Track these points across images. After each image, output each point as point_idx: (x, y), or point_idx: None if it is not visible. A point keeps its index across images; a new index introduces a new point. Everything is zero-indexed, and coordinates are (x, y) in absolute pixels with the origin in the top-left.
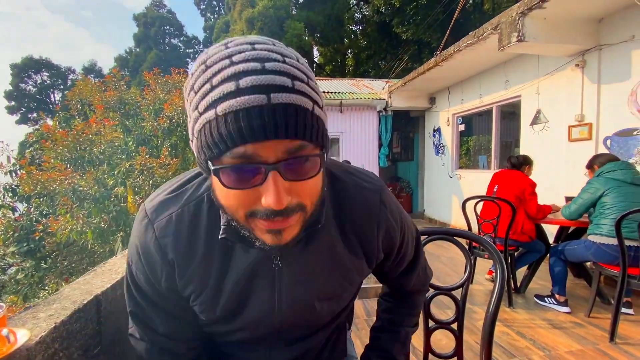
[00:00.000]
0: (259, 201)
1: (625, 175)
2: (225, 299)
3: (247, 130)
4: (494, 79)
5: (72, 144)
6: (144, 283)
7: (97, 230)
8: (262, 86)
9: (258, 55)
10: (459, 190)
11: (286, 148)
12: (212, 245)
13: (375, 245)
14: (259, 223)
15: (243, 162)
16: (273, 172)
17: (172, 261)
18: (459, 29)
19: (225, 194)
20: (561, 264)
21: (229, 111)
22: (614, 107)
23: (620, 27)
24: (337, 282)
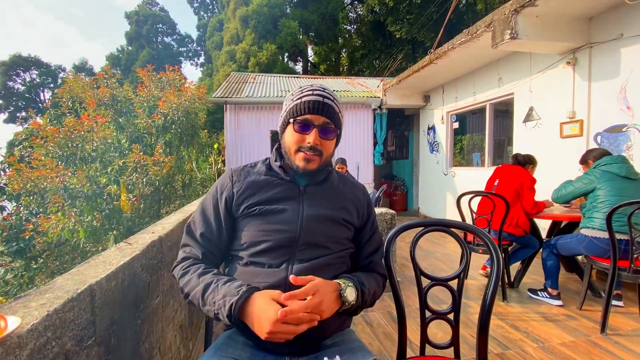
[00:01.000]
0: (304, 141)
1: (620, 169)
2: (267, 204)
3: (311, 108)
4: (488, 77)
5: (63, 140)
6: (210, 202)
7: (89, 228)
8: (321, 94)
9: (321, 88)
10: (454, 188)
11: (323, 121)
12: (259, 176)
13: (363, 204)
14: (300, 154)
15: (305, 121)
16: (315, 129)
17: (234, 179)
18: (452, 28)
19: (291, 136)
20: (554, 257)
21: (307, 100)
22: (604, 104)
23: (610, 25)
24: (337, 211)
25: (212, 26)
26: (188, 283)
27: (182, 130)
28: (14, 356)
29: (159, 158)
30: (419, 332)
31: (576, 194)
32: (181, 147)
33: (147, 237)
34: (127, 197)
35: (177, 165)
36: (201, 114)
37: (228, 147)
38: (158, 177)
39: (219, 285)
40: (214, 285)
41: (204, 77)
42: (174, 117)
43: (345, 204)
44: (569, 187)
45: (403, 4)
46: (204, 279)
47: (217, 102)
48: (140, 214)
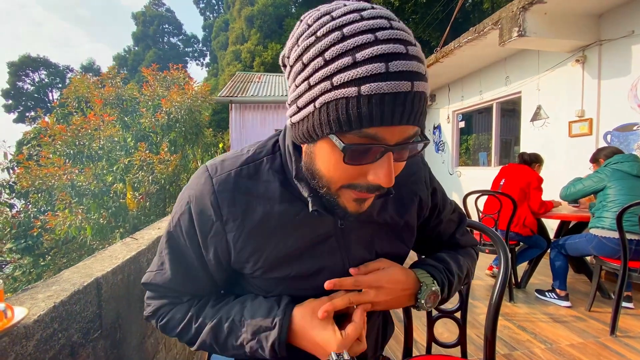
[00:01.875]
0: (362, 176)
1: (632, 167)
2: (290, 261)
3: (388, 115)
4: (494, 76)
5: (70, 139)
6: (184, 235)
7: (96, 226)
8: (408, 72)
9: (400, 35)
10: (459, 188)
11: (408, 133)
12: (272, 207)
13: (427, 204)
14: (351, 193)
15: (370, 142)
16: (389, 154)
17: (225, 218)
18: (458, 28)
19: (334, 167)
20: (562, 258)
21: (375, 93)
22: (614, 102)
23: (620, 22)
24: (391, 240)
25: (217, 26)
26: (183, 329)
27: (186, 129)
28: (21, 346)
29: (165, 156)
30: (424, 331)
31: (586, 192)
32: (186, 145)
33: (152, 232)
34: (133, 195)
35: (182, 164)
36: (205, 112)
37: (233, 145)
38: (164, 176)
39: (237, 318)
40: (230, 321)
41: (209, 77)
42: (177, 115)
43: (407, 215)
44: (579, 185)
45: (408, 4)
46: (206, 316)
47: (222, 101)
48: (146, 212)
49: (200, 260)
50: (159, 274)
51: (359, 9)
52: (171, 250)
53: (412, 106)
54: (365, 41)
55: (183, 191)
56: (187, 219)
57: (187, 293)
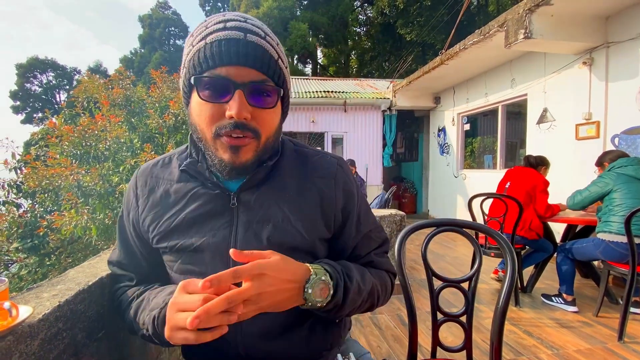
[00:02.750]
0: (224, 117)
1: (636, 171)
2: (182, 231)
3: (226, 54)
4: (500, 78)
5: (77, 139)
6: (123, 216)
7: (101, 226)
8: (241, 28)
9: (242, 16)
10: (464, 190)
11: (253, 77)
12: (170, 185)
13: (334, 202)
14: (222, 140)
15: (218, 79)
16: (239, 91)
17: (137, 194)
18: (463, 30)
19: (199, 110)
20: (569, 262)
21: (215, 40)
22: (622, 105)
23: (628, 24)
24: (286, 228)
25: None
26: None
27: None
28: (26, 345)
29: None
30: (429, 335)
31: (593, 198)
32: None
33: None
34: None
35: None
36: None
37: None
38: None
39: (150, 298)
40: (145, 301)
41: None
42: (184, 116)
43: (308, 208)
44: (585, 192)
45: (413, 6)
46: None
47: None
48: None
49: (132, 235)
50: (114, 252)
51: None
52: (118, 231)
53: (246, 49)
54: (216, 20)
55: None
56: (124, 202)
57: (131, 272)
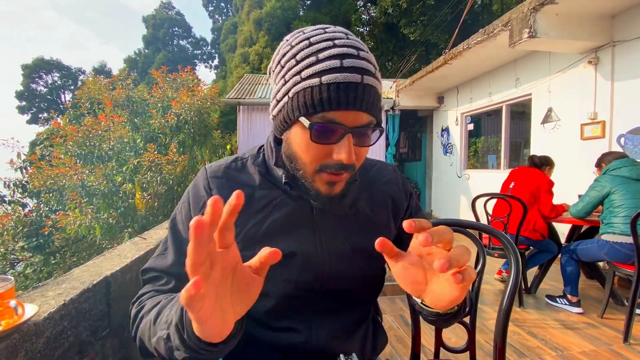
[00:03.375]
0: (329, 156)
1: (631, 172)
2: (268, 241)
3: (344, 100)
4: (504, 78)
5: (81, 139)
6: (183, 220)
7: (105, 225)
8: (358, 68)
9: (353, 44)
10: (468, 190)
11: (363, 120)
12: (253, 192)
13: (401, 202)
14: (322, 176)
15: (331, 123)
16: (349, 135)
17: (213, 194)
18: (467, 29)
19: (306, 147)
20: (573, 263)
21: (332, 82)
22: (628, 104)
23: (634, 23)
24: (365, 235)
25: (226, 29)
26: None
27: (195, 130)
28: (31, 343)
29: (173, 157)
30: (432, 336)
31: (594, 203)
32: (194, 147)
33: (160, 232)
34: (141, 196)
35: (190, 165)
36: (214, 114)
37: (240, 148)
38: (172, 176)
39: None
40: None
41: (217, 79)
42: (186, 117)
43: (381, 213)
44: (585, 198)
45: (416, 6)
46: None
47: (230, 103)
48: (154, 213)
49: None
50: (160, 257)
51: (324, 27)
52: (173, 235)
53: (362, 94)
54: (326, 46)
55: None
56: (187, 206)
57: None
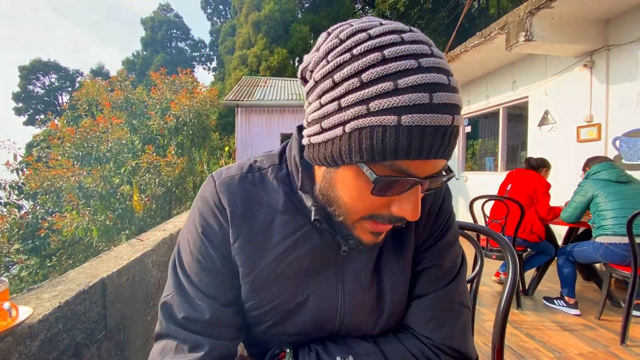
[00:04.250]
0: (386, 207)
1: (610, 174)
2: (282, 284)
3: (427, 148)
4: (501, 80)
5: (79, 141)
6: (197, 249)
7: (102, 227)
8: (450, 105)
9: (442, 65)
10: (466, 193)
11: (438, 167)
12: (273, 217)
13: (425, 227)
14: (367, 224)
15: (400, 175)
16: (418, 187)
17: (227, 213)
18: (464, 33)
19: (357, 197)
20: (570, 265)
21: (417, 124)
22: (623, 107)
23: (629, 27)
24: (391, 280)
25: (224, 31)
26: None
27: (193, 132)
28: (24, 346)
29: (171, 159)
30: None
31: (581, 208)
32: (193, 148)
33: (158, 234)
34: (139, 197)
35: (188, 167)
36: (212, 116)
37: (239, 149)
38: (170, 178)
39: None
40: None
41: (216, 81)
42: (185, 118)
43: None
44: (572, 204)
45: (414, 9)
46: None
47: (229, 104)
48: (152, 214)
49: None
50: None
51: (399, 30)
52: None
53: (449, 140)
54: (409, 67)
55: (190, 210)
56: (194, 232)
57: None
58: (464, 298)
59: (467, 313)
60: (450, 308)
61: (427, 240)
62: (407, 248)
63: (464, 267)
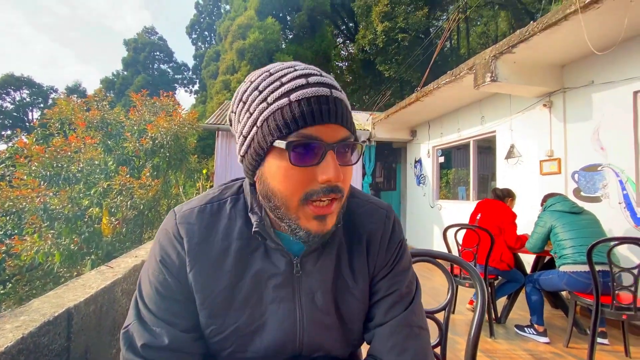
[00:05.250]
0: (314, 181)
1: (564, 205)
2: (239, 307)
3: (317, 113)
4: (471, 115)
5: (48, 160)
6: (155, 278)
7: (65, 252)
8: (325, 83)
9: (314, 69)
10: (440, 220)
11: (341, 135)
12: (229, 243)
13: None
14: (309, 209)
15: (310, 139)
16: (331, 152)
17: (185, 249)
18: (438, 69)
19: (284, 175)
20: (537, 293)
21: (302, 98)
22: (580, 144)
23: (581, 72)
24: (350, 294)
25: (208, 56)
26: None
27: (170, 154)
28: None
29: (146, 181)
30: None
31: (542, 238)
32: (169, 171)
33: (129, 260)
34: (108, 220)
35: (163, 190)
36: (191, 139)
37: (217, 172)
38: (143, 201)
39: None
40: None
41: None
42: (162, 141)
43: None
44: (534, 235)
45: (392, 46)
46: None
47: (209, 128)
48: (121, 238)
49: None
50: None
51: (281, 63)
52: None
53: (335, 107)
54: (287, 72)
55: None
56: (154, 263)
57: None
58: (422, 321)
59: (426, 335)
60: (410, 332)
61: (382, 269)
62: (361, 276)
63: (419, 291)
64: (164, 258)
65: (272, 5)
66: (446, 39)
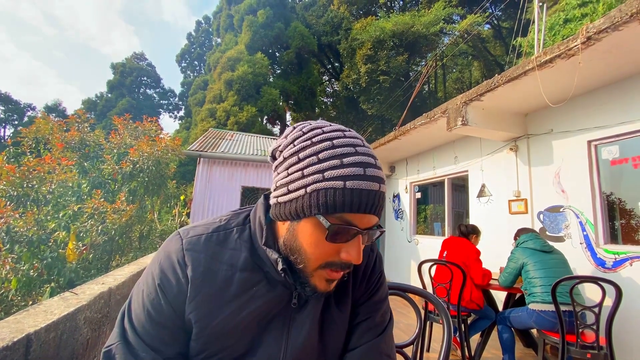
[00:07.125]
0: (336, 254)
1: (535, 244)
2: (236, 334)
3: (363, 206)
4: (445, 155)
5: (18, 180)
6: (150, 301)
7: (23, 278)
8: (377, 177)
9: (370, 152)
10: (417, 255)
11: (372, 222)
12: (233, 273)
13: (359, 286)
14: (325, 273)
15: (347, 224)
16: (359, 236)
17: (188, 279)
18: (417, 110)
19: (315, 244)
20: (508, 330)
21: (356, 188)
22: (543, 186)
23: (542, 121)
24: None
25: (196, 85)
26: None
27: (149, 179)
28: None
29: (120, 206)
30: None
31: (514, 274)
32: (146, 196)
33: (95, 287)
34: (75, 246)
35: (137, 215)
36: (172, 164)
37: (196, 199)
38: (115, 226)
39: None
40: None
41: (181, 129)
42: (143, 165)
43: (346, 301)
44: (507, 270)
45: (374, 86)
46: None
47: (192, 154)
48: (87, 265)
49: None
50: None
51: (342, 130)
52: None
53: (378, 201)
54: (349, 152)
55: (152, 260)
56: (152, 284)
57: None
58: (391, 351)
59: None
60: (379, 359)
61: (362, 296)
62: (346, 305)
63: (392, 322)
64: (162, 282)
65: (262, 41)
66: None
